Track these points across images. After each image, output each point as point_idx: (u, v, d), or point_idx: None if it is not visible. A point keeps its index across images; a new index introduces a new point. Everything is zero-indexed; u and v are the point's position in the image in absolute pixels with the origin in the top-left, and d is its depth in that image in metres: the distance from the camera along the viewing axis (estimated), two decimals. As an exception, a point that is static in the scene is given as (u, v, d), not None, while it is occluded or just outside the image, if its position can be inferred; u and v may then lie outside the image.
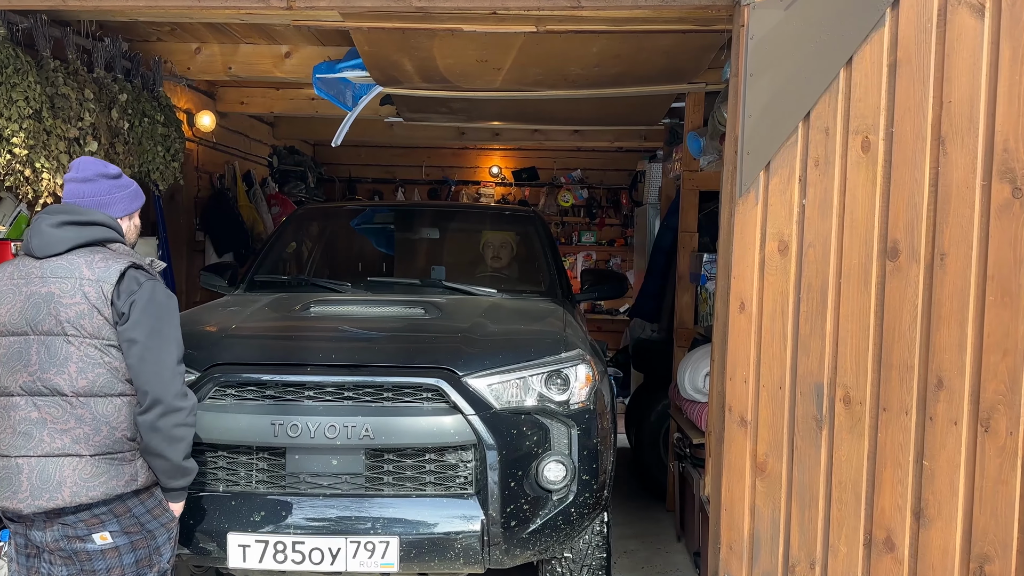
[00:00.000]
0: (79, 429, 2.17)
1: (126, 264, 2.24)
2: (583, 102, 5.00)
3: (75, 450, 2.17)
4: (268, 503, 2.77)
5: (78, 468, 2.16)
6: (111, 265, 2.22)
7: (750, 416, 2.30)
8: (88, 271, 2.21)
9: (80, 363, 2.18)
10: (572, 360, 3.02)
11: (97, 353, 2.19)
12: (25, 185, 3.16)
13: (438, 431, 2.77)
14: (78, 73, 3.53)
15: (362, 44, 3.89)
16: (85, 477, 2.17)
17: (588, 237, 8.86)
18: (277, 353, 2.97)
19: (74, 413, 2.18)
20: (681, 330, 4.82)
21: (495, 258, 4.43)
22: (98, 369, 2.19)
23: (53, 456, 2.16)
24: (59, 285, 2.20)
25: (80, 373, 2.18)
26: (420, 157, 8.94)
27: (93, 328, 2.19)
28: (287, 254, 4.56)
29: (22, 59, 3.06)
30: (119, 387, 2.22)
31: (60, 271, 2.21)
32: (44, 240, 2.23)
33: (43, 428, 2.17)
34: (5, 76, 2.98)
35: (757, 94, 2.27)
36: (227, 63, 4.81)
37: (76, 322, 2.18)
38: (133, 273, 2.24)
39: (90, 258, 2.23)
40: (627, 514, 4.96)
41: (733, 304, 2.34)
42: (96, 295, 2.18)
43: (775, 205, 2.25)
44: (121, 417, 2.23)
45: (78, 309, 2.18)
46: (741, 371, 2.33)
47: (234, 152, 6.62)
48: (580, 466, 2.92)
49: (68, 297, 2.18)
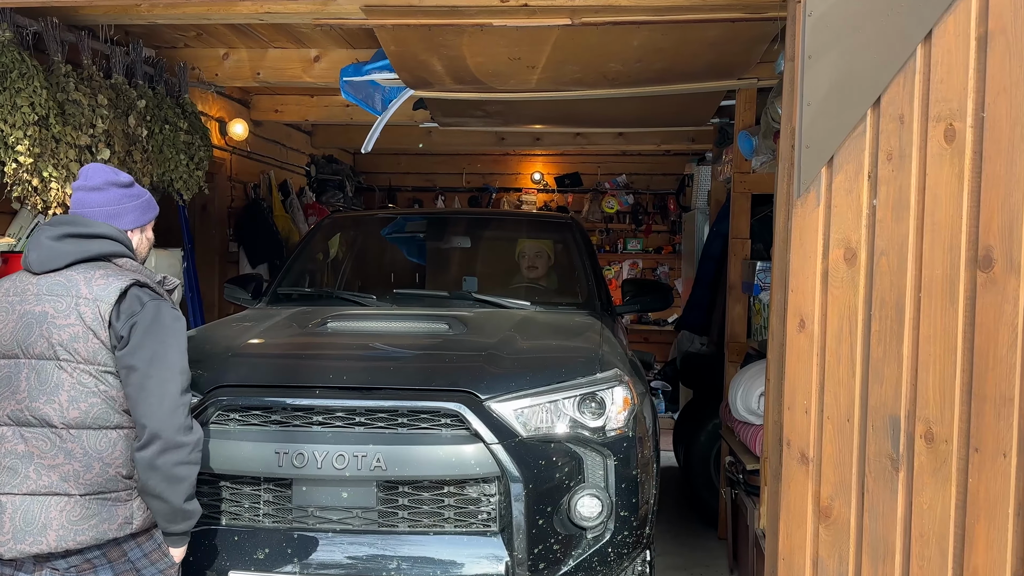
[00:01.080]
0: (68, 465, 1.97)
1: (128, 282, 2.03)
2: (626, 102, 4.71)
3: (63, 489, 1.97)
4: (273, 539, 2.54)
5: (66, 509, 1.96)
6: (111, 283, 2.02)
7: (812, 452, 1.98)
8: (86, 289, 2.01)
9: (72, 391, 1.98)
10: (608, 381, 2.74)
11: (91, 380, 1.99)
12: (34, 195, 3.02)
13: (457, 462, 2.51)
14: (92, 78, 3.39)
15: (388, 43, 3.69)
16: (73, 519, 1.96)
17: (634, 244, 8.53)
18: (284, 374, 2.75)
19: (63, 447, 1.97)
20: (732, 344, 4.48)
21: (530, 268, 4.17)
22: (92, 399, 1.99)
23: (39, 495, 1.96)
24: (53, 304, 2.00)
25: (72, 403, 1.98)
26: (460, 164, 8.75)
27: (88, 353, 1.99)
28: (313, 265, 4.38)
29: (28, 63, 2.93)
30: (115, 419, 2.02)
31: (56, 288, 2.01)
32: (42, 254, 2.05)
33: (29, 463, 1.97)
34: (9, 81, 2.84)
35: (817, 79, 1.96)
36: (255, 68, 4.66)
37: (69, 345, 1.98)
38: (136, 292, 2.04)
39: (90, 274, 2.03)
40: (675, 541, 4.63)
41: (791, 321, 2.02)
42: (92, 316, 1.99)
43: (840, 207, 1.93)
44: (116, 452, 2.02)
45: (72, 331, 1.98)
46: (801, 400, 2.00)
47: (269, 161, 6.50)
48: (618, 500, 2.64)
49: (62, 318, 1.98)
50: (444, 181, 8.81)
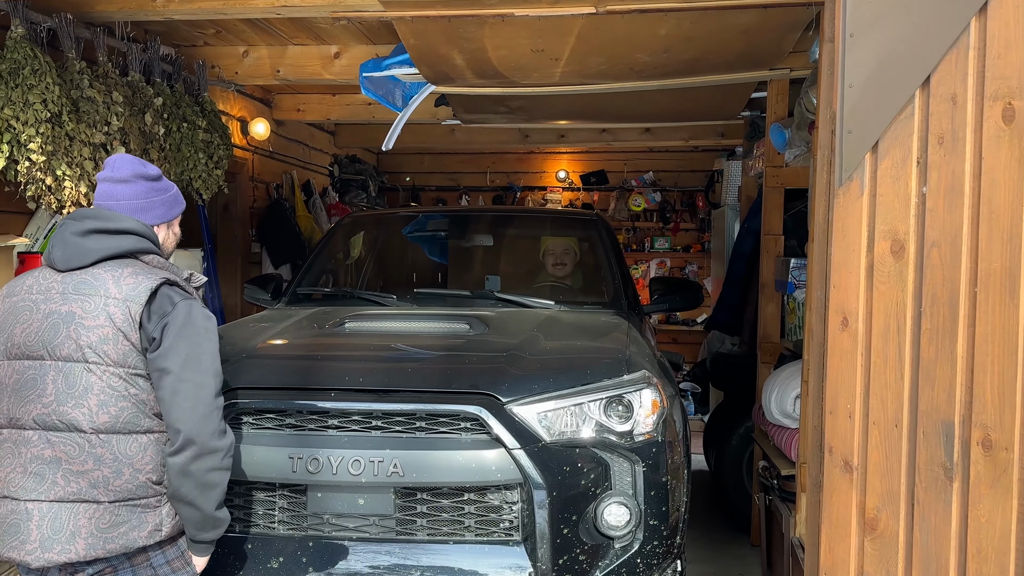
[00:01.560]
0: (98, 471, 1.90)
1: (159, 281, 1.96)
2: (653, 95, 4.57)
3: (92, 495, 1.90)
4: (288, 547, 2.46)
5: (95, 517, 1.90)
6: (141, 282, 1.94)
7: (856, 460, 1.84)
8: (115, 288, 1.93)
9: (102, 395, 1.91)
10: (636, 383, 2.61)
11: (122, 384, 1.92)
12: (48, 194, 2.96)
13: (477, 468, 2.40)
14: (108, 76, 3.33)
15: (407, 36, 3.59)
16: (103, 527, 1.90)
17: (661, 243, 8.36)
18: (299, 376, 2.65)
19: (93, 453, 1.90)
20: (765, 344, 4.33)
21: (555, 266, 4.04)
22: (122, 403, 1.92)
23: (67, 502, 1.89)
24: (81, 304, 1.92)
25: (102, 407, 1.90)
26: (484, 163, 8.66)
27: (118, 355, 1.91)
28: (333, 265, 4.30)
29: (40, 59, 2.87)
30: (145, 423, 1.95)
31: (84, 287, 1.94)
32: (68, 251, 1.97)
33: (57, 469, 1.90)
34: (22, 78, 2.79)
35: (860, 59, 1.82)
36: (275, 66, 4.61)
37: (99, 347, 1.90)
38: (167, 291, 1.97)
39: (118, 272, 1.95)
40: (706, 548, 4.49)
41: (833, 319, 1.89)
42: (123, 317, 1.91)
43: (886, 195, 1.80)
44: (146, 458, 1.95)
45: (101, 333, 1.91)
46: (844, 403, 1.87)
47: (292, 161, 6.46)
48: (647, 508, 2.51)
49: (91, 318, 1.91)
50: (468, 180, 8.72)
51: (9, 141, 2.74)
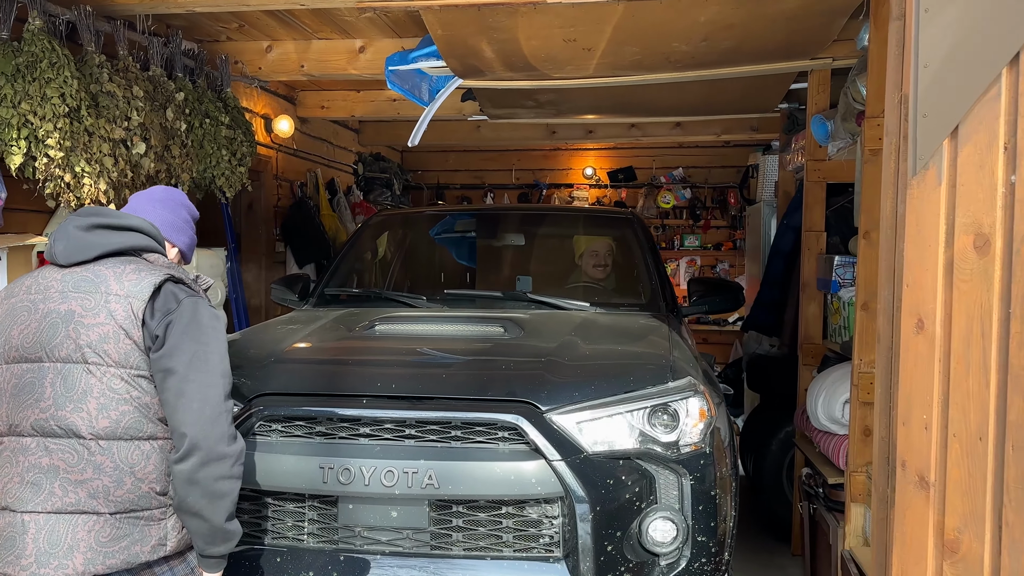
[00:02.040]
0: (97, 480, 1.79)
1: (162, 277, 1.86)
2: (687, 87, 4.41)
3: (92, 506, 1.78)
4: (318, 561, 2.35)
5: (94, 529, 1.77)
6: (144, 277, 1.85)
7: (934, 476, 1.68)
8: (116, 284, 1.84)
9: (102, 398, 1.79)
10: (682, 391, 2.46)
11: (123, 385, 1.81)
12: (67, 192, 2.87)
13: (516, 480, 2.27)
14: (128, 70, 3.24)
15: (435, 27, 3.47)
16: (103, 541, 1.78)
17: (691, 241, 8.17)
18: (329, 382, 2.55)
19: (92, 460, 1.79)
20: (807, 345, 4.15)
21: (596, 267, 3.90)
22: (123, 406, 1.80)
23: (65, 513, 1.77)
24: (81, 302, 1.83)
25: (101, 410, 1.79)
26: (510, 160, 8.52)
27: (119, 354, 1.81)
28: (361, 265, 4.19)
29: (59, 52, 2.77)
30: (148, 428, 1.84)
31: (84, 284, 1.85)
32: (70, 245, 1.89)
33: (55, 478, 1.78)
34: (39, 71, 2.69)
35: (937, 36, 1.66)
36: (299, 61, 4.50)
37: (99, 347, 1.80)
38: (171, 288, 1.87)
39: (120, 269, 1.86)
40: (743, 558, 4.31)
41: (906, 321, 1.72)
42: (124, 314, 1.81)
43: (967, 185, 1.63)
44: (149, 466, 1.83)
45: (101, 331, 1.80)
46: (919, 413, 1.71)
47: (316, 159, 6.37)
48: (694, 524, 2.38)
49: (91, 316, 1.81)
50: (493, 178, 8.59)
51: (27, 137, 2.65)
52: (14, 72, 2.63)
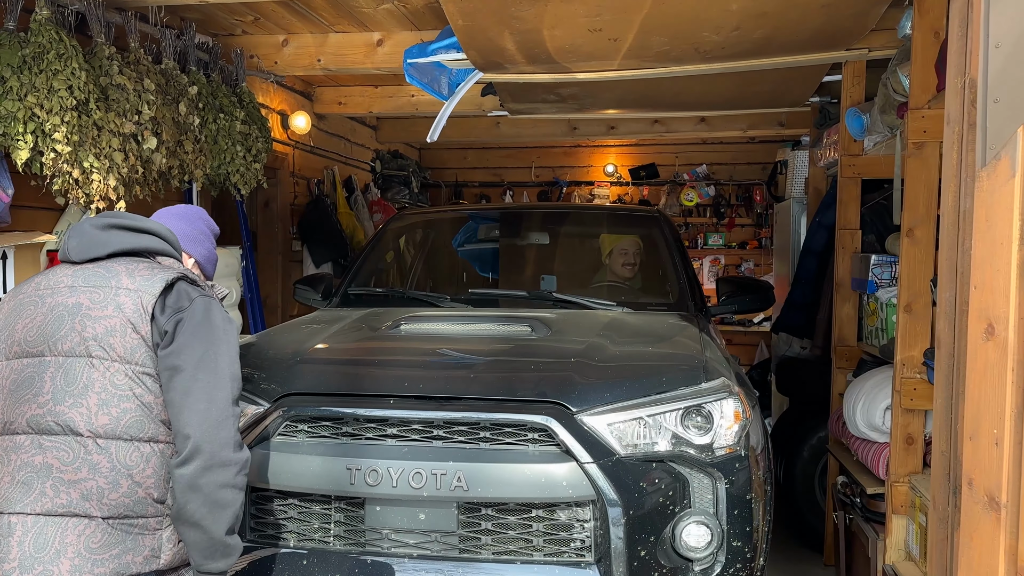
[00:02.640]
0: (92, 481, 1.68)
1: (175, 275, 1.81)
2: (718, 80, 4.26)
3: (84, 509, 1.67)
4: (345, 564, 2.30)
5: (85, 534, 1.67)
6: (156, 274, 1.80)
7: (1006, 496, 1.53)
8: (128, 279, 1.78)
9: (103, 393, 1.70)
10: (716, 393, 2.38)
11: (126, 382, 1.72)
12: (75, 188, 2.77)
13: (547, 482, 2.21)
14: (139, 62, 3.14)
15: (455, 16, 3.34)
16: (92, 547, 1.67)
17: (715, 239, 8.00)
18: (355, 382, 2.49)
19: (88, 459, 1.68)
20: (841, 348, 4.00)
21: (624, 266, 3.79)
22: (125, 403, 1.71)
23: (55, 515, 1.67)
24: (90, 295, 1.76)
25: (102, 406, 1.70)
26: (529, 158, 8.39)
27: (125, 349, 1.72)
28: (384, 264, 4.10)
29: (66, 43, 2.67)
30: (150, 429, 1.73)
31: (95, 279, 1.79)
32: (85, 241, 1.84)
33: (47, 477, 1.68)
34: (46, 63, 2.59)
35: (1011, 12, 1.52)
36: (316, 55, 4.40)
37: (104, 340, 1.72)
38: (184, 286, 1.81)
39: (133, 267, 1.82)
40: (772, 567, 4.17)
41: (974, 327, 1.58)
42: (133, 307, 1.74)
43: (1047, 176, 1.48)
44: (148, 470, 1.73)
45: (108, 324, 1.73)
46: (989, 427, 1.56)
47: (333, 156, 6.27)
48: (729, 529, 2.31)
49: (98, 308, 1.74)
50: (512, 175, 8.47)
51: (33, 131, 2.55)
52: (20, 64, 2.54)
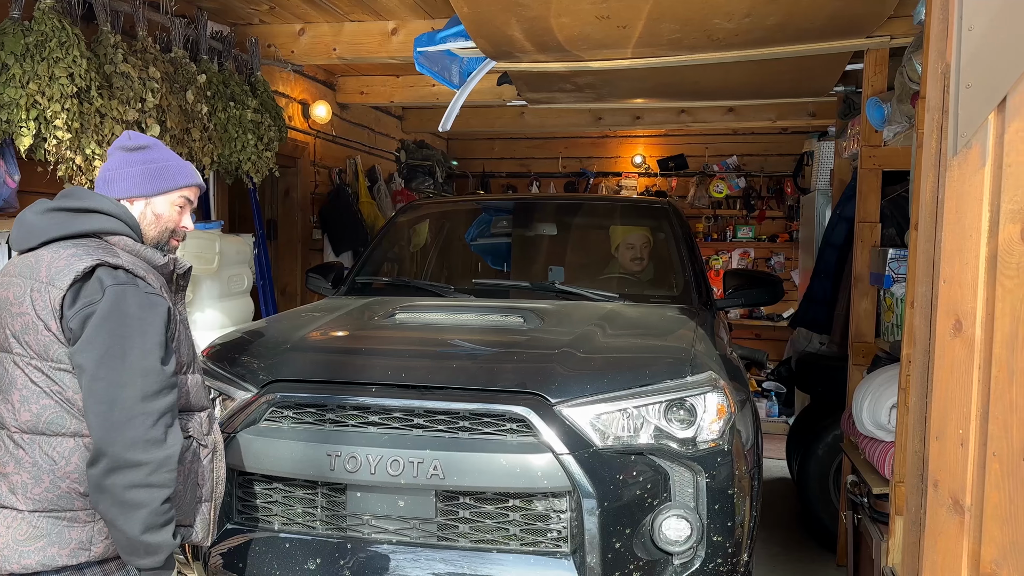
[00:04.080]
0: (17, 475, 1.70)
1: (93, 262, 1.70)
2: (735, 69, 4.17)
3: (10, 502, 1.70)
4: (326, 548, 2.33)
5: (12, 526, 1.70)
6: (72, 263, 1.71)
7: (970, 499, 1.48)
8: (45, 271, 1.71)
9: (24, 390, 1.70)
10: (700, 386, 2.35)
11: (43, 379, 1.70)
12: (79, 174, 2.84)
13: (522, 472, 2.21)
14: (146, 51, 3.19)
15: (460, 5, 3.33)
16: (19, 538, 1.69)
17: (745, 232, 7.84)
18: (340, 370, 2.51)
19: (14, 454, 1.71)
20: (858, 344, 3.90)
21: (633, 260, 3.77)
22: (44, 400, 1.70)
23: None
24: (13, 289, 1.74)
25: (23, 403, 1.70)
26: (556, 148, 8.33)
27: (39, 346, 1.70)
28: (392, 253, 4.13)
29: (68, 31, 2.73)
30: (71, 425, 1.72)
31: (24, 270, 1.75)
32: (20, 231, 1.81)
33: None
34: (48, 50, 2.65)
35: (984, -6, 1.45)
36: (332, 44, 4.43)
37: (21, 337, 1.71)
38: (100, 274, 1.71)
39: (58, 254, 1.73)
40: (786, 567, 4.10)
41: (942, 322, 1.52)
42: (43, 303, 1.69)
43: (1016, 165, 1.42)
44: (71, 465, 1.71)
45: (24, 321, 1.70)
46: (955, 428, 1.51)
47: (356, 146, 6.32)
48: (710, 523, 2.29)
49: (16, 304, 1.72)
50: (539, 166, 8.43)
51: (36, 118, 2.63)
52: (23, 51, 2.61)
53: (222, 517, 2.43)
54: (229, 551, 2.41)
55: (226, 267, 3.85)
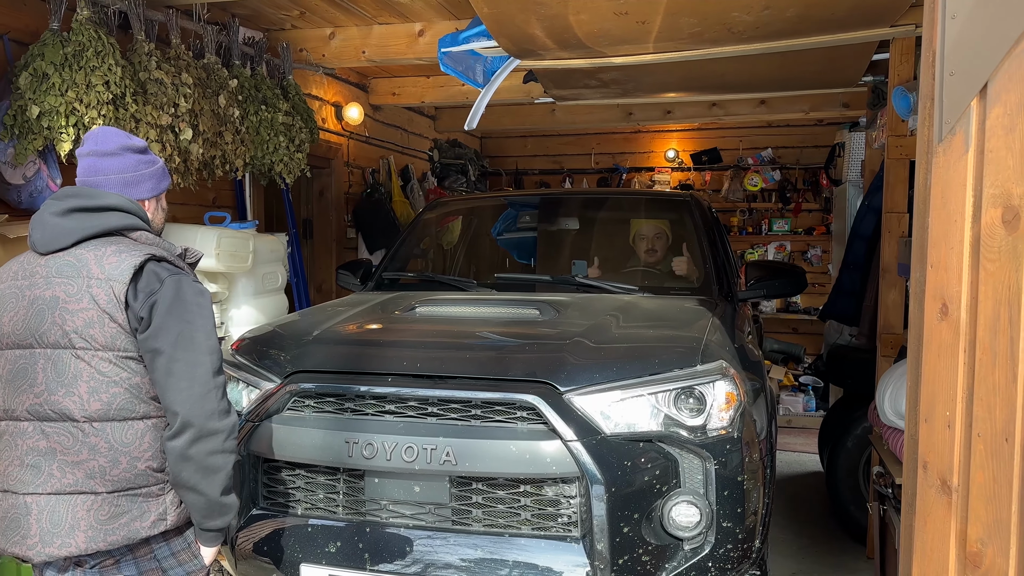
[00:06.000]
0: (93, 461, 1.82)
1: (143, 257, 1.85)
2: (759, 61, 4.15)
3: (90, 487, 1.82)
4: (345, 532, 2.43)
5: (93, 508, 1.82)
6: (124, 259, 1.84)
7: (956, 480, 1.50)
8: (97, 268, 1.83)
9: (92, 381, 1.82)
10: (710, 375, 2.38)
11: (112, 368, 1.83)
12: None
13: (532, 459, 2.27)
14: (179, 57, 3.35)
15: (480, 5, 3.40)
16: (102, 519, 1.82)
17: (780, 225, 7.76)
18: (359, 360, 2.61)
19: (87, 442, 1.82)
20: (886, 336, 3.87)
21: (647, 252, 3.80)
22: (114, 388, 1.83)
23: (65, 494, 1.82)
24: (65, 287, 1.84)
25: (92, 394, 1.82)
26: (589, 144, 8.35)
27: (106, 338, 1.82)
28: (418, 250, 4.24)
29: (104, 41, 2.89)
30: (140, 408, 1.86)
31: (66, 269, 1.86)
32: (47, 233, 1.89)
33: (52, 460, 1.82)
34: (85, 60, 2.82)
35: (966, -18, 1.47)
36: (361, 47, 4.55)
37: (84, 332, 1.82)
38: (153, 267, 1.85)
39: (101, 252, 1.85)
40: (816, 560, 4.09)
41: (930, 306, 1.55)
42: (107, 298, 1.81)
43: (996, 151, 1.44)
44: (144, 445, 1.86)
45: (86, 316, 1.82)
46: (942, 410, 1.53)
47: (390, 146, 6.44)
48: (719, 509, 2.32)
49: (74, 302, 1.82)
50: (572, 163, 8.46)
51: (75, 124, 2.79)
52: (62, 61, 2.77)
53: (248, 503, 2.54)
54: (255, 535, 2.52)
55: (260, 265, 3.99)
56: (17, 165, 2.89)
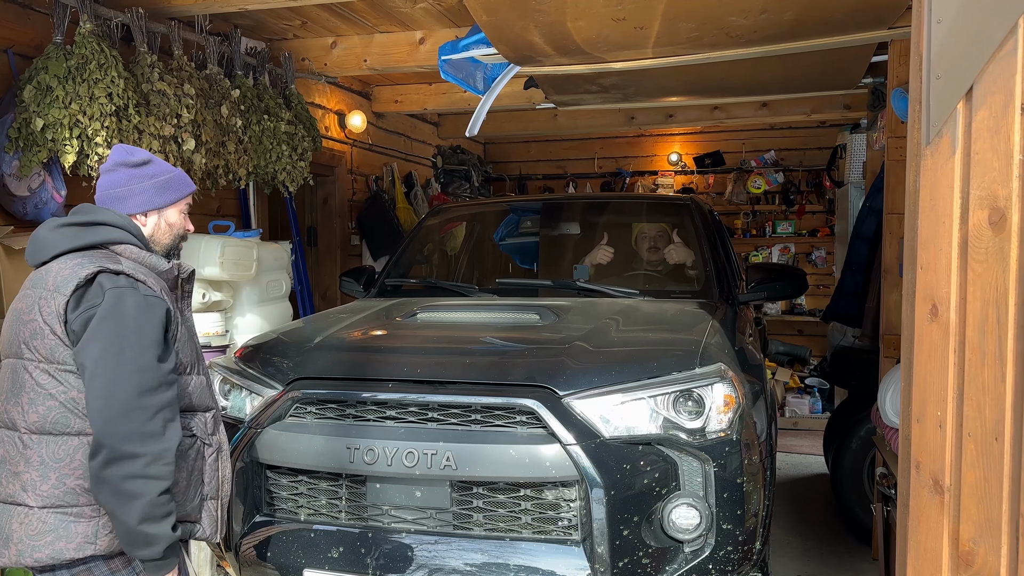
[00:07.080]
0: (27, 474, 1.80)
1: (94, 269, 1.80)
2: (759, 64, 4.17)
3: (22, 499, 1.80)
4: (348, 538, 2.45)
5: (24, 522, 1.79)
6: (77, 271, 1.80)
7: (948, 479, 1.51)
8: (52, 280, 1.83)
9: (31, 392, 1.81)
10: (708, 377, 2.39)
11: (49, 381, 1.80)
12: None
13: (531, 463, 2.28)
14: (182, 68, 3.39)
15: (479, 13, 3.43)
16: (31, 534, 1.78)
17: (784, 227, 7.75)
18: (359, 367, 2.62)
19: (24, 454, 1.80)
20: (888, 337, 3.87)
21: (650, 251, 3.82)
22: (50, 401, 1.80)
23: (5, 503, 1.82)
24: (26, 299, 1.86)
25: (31, 405, 1.80)
26: (592, 149, 8.37)
27: (46, 350, 1.80)
28: (420, 256, 4.26)
29: (107, 53, 2.93)
30: (75, 424, 1.80)
31: (35, 281, 1.89)
32: (33, 247, 1.92)
33: (3, 468, 1.83)
34: (88, 72, 2.86)
35: (951, -14, 1.48)
36: (362, 56, 4.59)
37: (30, 343, 1.81)
38: (101, 279, 1.80)
39: (64, 264, 1.84)
40: (821, 561, 4.09)
41: (920, 307, 1.56)
42: (49, 309, 1.80)
43: (982, 152, 1.45)
44: (75, 462, 1.80)
45: (32, 327, 1.82)
46: (933, 410, 1.54)
47: (393, 153, 6.48)
48: (719, 511, 2.32)
49: (27, 313, 1.84)
50: (576, 167, 8.47)
51: (78, 136, 2.83)
52: (66, 74, 2.81)
53: (252, 509, 2.56)
54: (259, 542, 2.54)
55: (264, 273, 4.02)
56: (22, 177, 2.94)
